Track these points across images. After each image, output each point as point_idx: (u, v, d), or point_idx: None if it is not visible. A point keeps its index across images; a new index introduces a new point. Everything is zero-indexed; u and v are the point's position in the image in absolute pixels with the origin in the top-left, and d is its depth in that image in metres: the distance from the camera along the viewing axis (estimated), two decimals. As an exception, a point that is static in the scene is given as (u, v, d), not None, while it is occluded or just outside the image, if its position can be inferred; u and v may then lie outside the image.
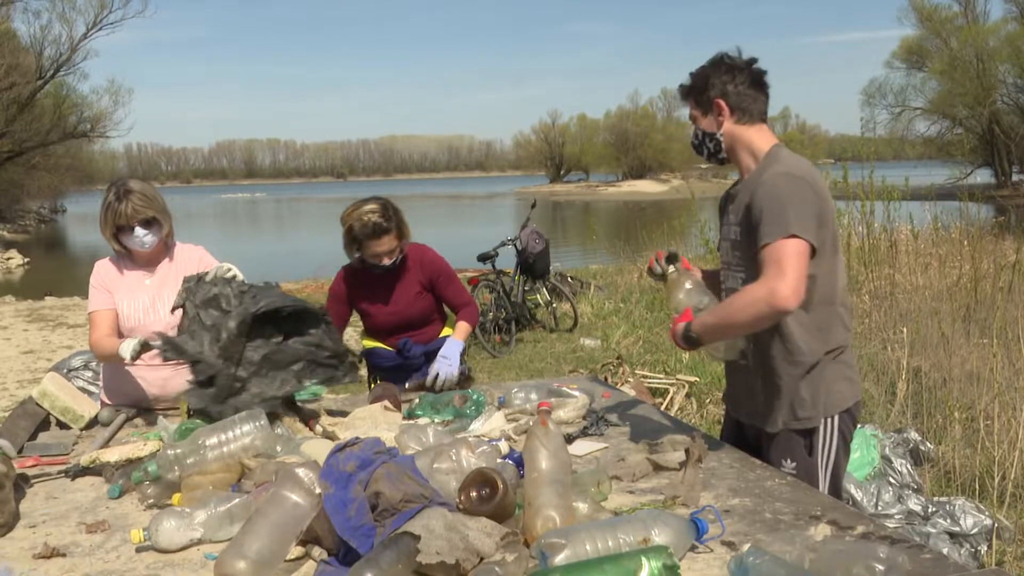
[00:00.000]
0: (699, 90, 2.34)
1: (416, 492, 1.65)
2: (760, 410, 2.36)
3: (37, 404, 2.73)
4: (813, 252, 2.13)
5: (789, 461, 2.30)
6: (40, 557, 1.75)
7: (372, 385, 3.52)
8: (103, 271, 3.06)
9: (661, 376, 6.13)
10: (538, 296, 9.57)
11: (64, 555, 1.76)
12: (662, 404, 5.56)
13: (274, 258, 22.16)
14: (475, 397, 2.64)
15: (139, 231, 2.92)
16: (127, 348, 2.74)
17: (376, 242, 3.24)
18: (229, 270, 2.74)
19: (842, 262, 2.33)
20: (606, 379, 5.57)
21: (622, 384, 5.62)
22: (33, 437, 2.61)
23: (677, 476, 2.05)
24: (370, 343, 3.57)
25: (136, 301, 3.01)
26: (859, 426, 3.92)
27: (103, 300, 3.02)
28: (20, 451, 2.46)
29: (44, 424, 2.73)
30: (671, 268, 2.40)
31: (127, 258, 3.06)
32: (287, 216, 56.69)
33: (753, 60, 2.34)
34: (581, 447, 2.34)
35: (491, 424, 2.48)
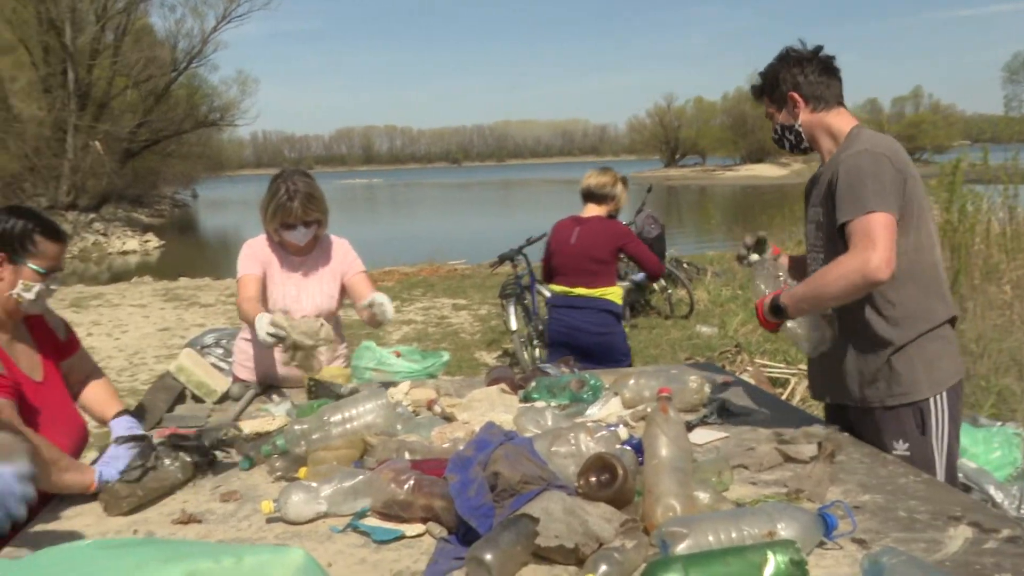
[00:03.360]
0: (771, 87, 2.43)
1: (535, 474, 1.65)
2: (852, 388, 2.34)
3: (174, 378, 2.88)
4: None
5: (901, 443, 2.26)
6: (179, 522, 1.84)
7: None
8: (258, 247, 3.11)
9: (782, 366, 5.95)
10: (653, 283, 9.43)
11: (200, 521, 1.85)
12: (783, 394, 5.40)
13: (391, 242, 22.66)
14: (592, 382, 2.62)
15: (301, 229, 3.01)
16: (261, 329, 2.73)
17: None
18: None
19: (932, 237, 2.29)
20: (724, 367, 5.45)
21: (741, 373, 5.48)
22: (170, 409, 2.75)
23: (805, 470, 1.98)
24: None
25: (286, 288, 3.10)
26: (999, 424, 3.70)
27: (254, 267, 3.06)
28: (159, 423, 2.61)
29: (180, 397, 2.88)
30: (754, 256, 2.49)
31: (279, 245, 3.13)
32: (403, 201, 57.91)
33: (819, 48, 2.41)
34: (701, 436, 2.29)
35: (608, 409, 2.46)
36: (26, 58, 29.81)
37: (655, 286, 9.38)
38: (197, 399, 2.89)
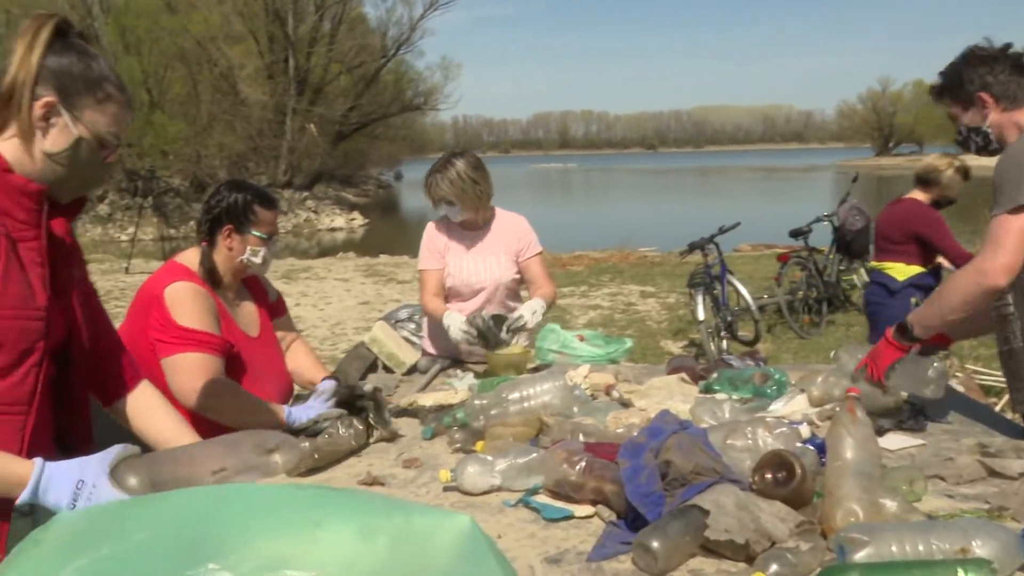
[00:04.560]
0: (955, 87, 2.34)
1: (708, 465, 1.61)
2: None
3: (368, 348, 3.05)
4: None
5: None
6: (363, 483, 1.96)
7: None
8: (433, 233, 3.33)
9: (997, 373, 5.46)
10: (855, 277, 8.93)
11: (383, 484, 1.96)
12: (996, 404, 4.96)
13: (582, 227, 22.79)
14: (777, 377, 2.52)
15: (444, 206, 3.19)
16: (454, 329, 2.98)
17: None
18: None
19: None
20: (928, 371, 5.07)
21: (948, 378, 5.08)
22: (363, 377, 2.92)
23: (1011, 486, 1.82)
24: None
25: (460, 262, 3.27)
26: None
27: (431, 261, 3.30)
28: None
29: (372, 367, 3.05)
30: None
31: (452, 221, 3.29)
32: (597, 186, 57.99)
33: (1008, 46, 2.32)
34: (894, 441, 2.15)
35: (792, 406, 2.36)
36: (254, 47, 32.42)
37: (857, 282, 8.90)
38: (388, 369, 3.04)
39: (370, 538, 0.95)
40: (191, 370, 2.23)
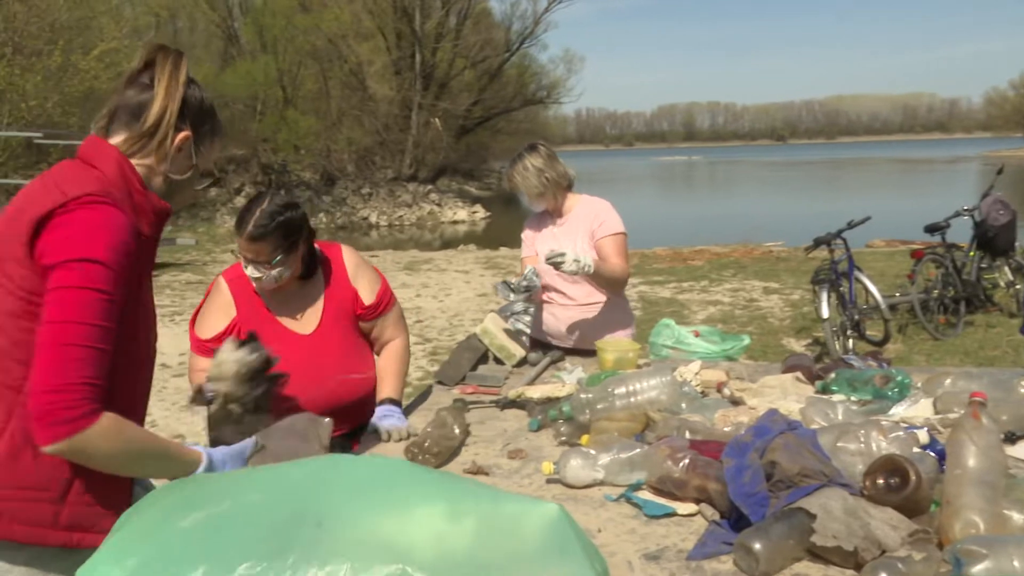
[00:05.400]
0: None
1: (815, 468, 1.56)
2: None
3: (479, 340, 3.09)
4: None
5: None
6: (469, 472, 1.99)
7: None
8: (529, 223, 3.51)
9: None
10: (997, 275, 8.38)
11: (488, 474, 1.99)
12: None
13: (705, 221, 22.34)
14: (899, 378, 2.40)
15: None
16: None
17: None
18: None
19: None
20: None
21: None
22: (474, 368, 2.96)
23: None
24: None
25: (544, 246, 3.34)
26: None
27: (525, 250, 3.50)
28: (463, 379, 2.83)
29: (484, 358, 3.09)
30: None
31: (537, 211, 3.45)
32: (721, 179, 56.69)
33: None
34: (1026, 450, 2.02)
35: (915, 410, 2.25)
36: (382, 44, 33.25)
37: (1000, 281, 8.37)
38: (499, 361, 3.08)
39: (458, 519, 0.99)
40: (193, 371, 2.46)
